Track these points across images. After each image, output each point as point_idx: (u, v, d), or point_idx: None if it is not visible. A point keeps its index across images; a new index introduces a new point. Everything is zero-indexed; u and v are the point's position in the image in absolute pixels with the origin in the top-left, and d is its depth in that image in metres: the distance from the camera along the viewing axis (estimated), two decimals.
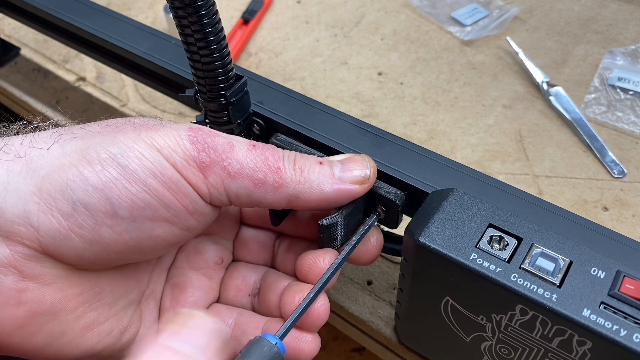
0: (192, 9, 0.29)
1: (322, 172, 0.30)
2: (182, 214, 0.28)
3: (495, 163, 0.53)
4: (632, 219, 0.48)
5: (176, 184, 0.28)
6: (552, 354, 0.28)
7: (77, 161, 0.26)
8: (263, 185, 0.29)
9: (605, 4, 0.69)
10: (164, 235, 0.28)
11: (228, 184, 0.29)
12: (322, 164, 0.31)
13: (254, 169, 0.29)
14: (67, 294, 0.28)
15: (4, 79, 0.64)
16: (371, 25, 0.69)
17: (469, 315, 0.30)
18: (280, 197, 0.30)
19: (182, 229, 0.29)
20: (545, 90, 0.59)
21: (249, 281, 0.35)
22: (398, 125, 0.57)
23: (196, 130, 0.29)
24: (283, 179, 0.29)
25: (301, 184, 0.30)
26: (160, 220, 0.28)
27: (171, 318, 0.27)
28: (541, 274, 0.27)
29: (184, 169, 0.28)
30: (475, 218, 0.30)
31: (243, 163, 0.29)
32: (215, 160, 0.28)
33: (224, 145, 0.29)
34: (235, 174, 0.29)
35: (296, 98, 0.39)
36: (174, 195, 0.28)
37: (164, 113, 0.60)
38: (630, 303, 0.26)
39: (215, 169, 0.28)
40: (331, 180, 0.30)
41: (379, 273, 0.44)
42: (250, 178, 0.29)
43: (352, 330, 0.45)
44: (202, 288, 0.34)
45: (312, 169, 0.30)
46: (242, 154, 0.29)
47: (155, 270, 0.34)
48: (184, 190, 0.28)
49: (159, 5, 0.73)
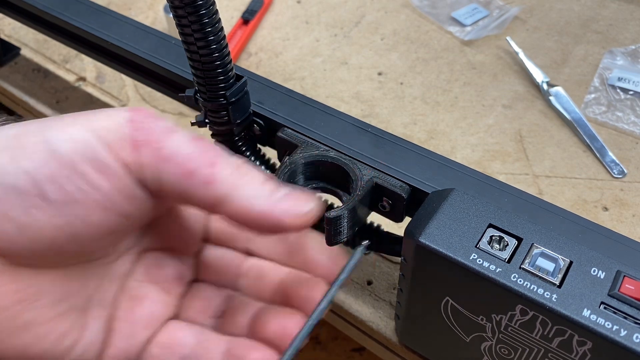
0: (192, 8, 0.29)
1: (263, 187, 0.28)
2: (116, 198, 0.27)
3: (495, 163, 0.53)
4: (632, 219, 0.48)
5: (108, 166, 0.27)
6: (552, 354, 0.28)
7: (11, 145, 0.26)
8: (192, 177, 0.27)
9: (605, 4, 0.69)
10: (98, 221, 0.27)
11: (159, 167, 0.27)
12: (266, 183, 0.29)
13: (187, 157, 0.27)
14: (3, 290, 0.27)
15: (4, 79, 0.64)
16: (371, 25, 0.69)
17: (469, 316, 0.30)
18: (209, 196, 0.28)
19: (118, 215, 0.28)
20: (545, 90, 0.59)
21: (212, 303, 0.33)
22: (398, 125, 0.57)
23: (138, 111, 0.28)
24: (216, 176, 0.27)
25: (235, 188, 0.28)
26: (93, 204, 0.27)
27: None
28: (541, 274, 0.27)
29: (118, 149, 0.27)
30: (475, 218, 0.30)
31: (178, 149, 0.27)
32: (149, 141, 0.27)
33: (163, 129, 0.28)
34: (167, 158, 0.27)
35: (296, 98, 0.39)
36: (106, 177, 0.27)
37: (164, 113, 0.60)
38: (630, 303, 0.26)
39: (149, 149, 0.27)
40: (268, 199, 0.28)
41: (379, 273, 0.44)
42: (181, 166, 0.27)
43: (352, 330, 0.45)
44: (160, 302, 0.32)
45: (254, 179, 0.28)
46: (179, 141, 0.28)
47: (107, 278, 0.32)
48: (116, 173, 0.27)
49: (159, 5, 0.73)
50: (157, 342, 0.31)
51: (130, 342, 0.31)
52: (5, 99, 0.66)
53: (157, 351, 0.31)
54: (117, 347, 0.31)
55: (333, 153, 0.36)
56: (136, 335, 0.31)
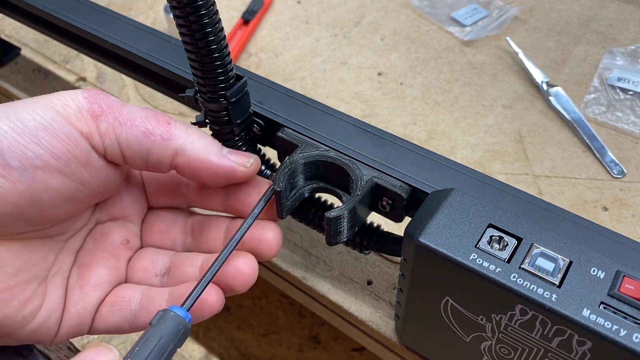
0: (192, 9, 0.29)
1: (213, 143, 0.33)
2: (74, 165, 0.30)
3: (495, 163, 0.53)
4: (632, 219, 0.48)
5: (67, 134, 0.30)
6: (552, 354, 0.28)
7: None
8: (151, 135, 0.31)
9: (605, 4, 0.69)
10: (58, 187, 0.30)
11: (119, 131, 0.31)
12: (215, 140, 0.33)
13: (143, 119, 0.32)
14: None
15: (5, 79, 0.64)
16: (371, 25, 0.69)
17: (469, 315, 0.30)
18: (167, 150, 0.32)
19: (75, 181, 0.31)
20: (545, 91, 0.59)
21: (157, 263, 0.36)
22: (398, 125, 0.57)
23: (91, 91, 0.32)
24: (172, 132, 0.32)
25: (189, 142, 0.32)
26: (52, 170, 0.29)
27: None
28: (541, 274, 0.27)
29: (77, 120, 0.30)
30: (475, 218, 0.30)
31: (134, 114, 0.32)
32: (107, 111, 0.31)
33: (116, 101, 0.32)
34: (126, 122, 0.31)
35: (296, 98, 0.39)
36: (64, 145, 0.30)
37: (164, 113, 0.60)
38: (630, 303, 0.26)
39: (108, 117, 0.31)
40: (218, 152, 0.33)
41: (379, 273, 0.44)
42: (140, 127, 0.31)
43: (352, 330, 0.45)
44: (107, 267, 0.35)
45: (203, 136, 0.33)
46: (133, 109, 0.32)
47: (64, 251, 0.35)
48: (74, 141, 0.30)
49: (159, 6, 0.73)
50: (106, 302, 0.34)
51: (82, 305, 0.34)
52: (6, 99, 0.66)
53: (107, 310, 0.34)
54: (71, 311, 0.34)
55: (333, 153, 0.36)
56: (87, 299, 0.34)
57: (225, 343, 0.71)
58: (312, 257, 0.46)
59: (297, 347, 0.71)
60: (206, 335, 0.72)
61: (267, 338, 0.71)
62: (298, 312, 0.73)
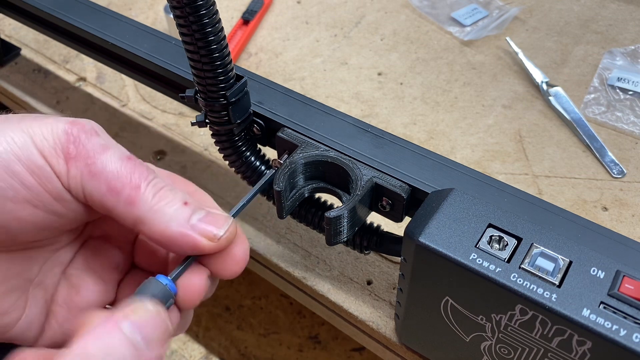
0: (191, 9, 0.29)
1: (179, 211, 0.30)
2: (45, 198, 0.29)
3: (495, 163, 0.53)
4: (632, 218, 0.48)
5: (40, 168, 0.29)
6: (552, 353, 0.28)
7: None
8: (117, 195, 0.29)
9: (604, 4, 0.69)
10: (29, 217, 0.29)
11: (86, 181, 0.30)
12: (186, 205, 0.30)
13: (114, 176, 0.30)
14: None
15: (5, 79, 0.64)
16: (371, 26, 0.69)
17: (469, 315, 0.30)
18: (129, 215, 0.30)
19: (48, 213, 0.30)
20: (545, 91, 0.59)
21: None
22: (398, 125, 0.57)
23: (77, 124, 0.30)
24: (138, 198, 0.29)
25: (152, 211, 0.29)
26: (23, 201, 0.29)
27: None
28: (541, 273, 0.27)
29: (50, 156, 0.29)
30: (475, 218, 0.30)
31: (107, 167, 0.30)
32: (80, 155, 0.30)
33: (96, 145, 0.30)
34: (95, 174, 0.29)
35: (296, 98, 0.39)
36: (36, 178, 0.29)
37: (164, 113, 0.60)
38: (630, 303, 0.26)
39: (79, 163, 0.29)
40: (183, 222, 0.30)
41: (379, 273, 0.44)
42: (107, 183, 0.29)
43: (352, 330, 0.45)
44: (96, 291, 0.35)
45: (171, 204, 0.30)
46: (110, 159, 0.30)
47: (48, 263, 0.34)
48: (46, 176, 0.29)
49: (159, 6, 0.73)
50: None
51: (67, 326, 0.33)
52: (6, 99, 0.66)
53: None
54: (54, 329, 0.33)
55: (333, 153, 0.36)
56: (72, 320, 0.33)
57: (225, 343, 0.71)
58: (312, 257, 0.46)
59: (297, 347, 0.71)
60: (206, 335, 0.72)
61: (267, 338, 0.71)
62: (298, 312, 0.73)
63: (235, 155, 0.39)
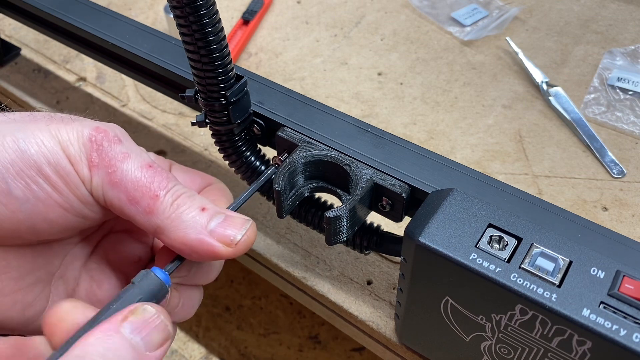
0: (191, 9, 0.29)
1: (197, 218, 0.30)
2: (74, 202, 0.30)
3: (495, 163, 0.53)
4: (632, 218, 0.48)
5: (68, 173, 0.29)
6: (552, 353, 0.28)
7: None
8: (136, 205, 0.30)
9: (604, 4, 0.69)
10: (57, 219, 0.30)
11: (107, 189, 0.30)
12: (204, 211, 0.30)
13: (134, 186, 0.30)
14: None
15: (5, 79, 0.64)
16: (371, 26, 0.69)
17: (469, 315, 0.30)
18: (148, 224, 0.30)
19: (76, 215, 0.30)
20: (545, 91, 0.59)
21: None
22: (398, 125, 0.57)
23: (101, 131, 0.31)
24: (156, 207, 0.30)
25: (170, 219, 0.30)
26: (53, 204, 0.29)
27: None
28: (541, 273, 0.27)
29: (76, 163, 0.30)
30: (475, 218, 0.30)
31: (127, 176, 0.30)
32: (102, 164, 0.30)
33: (118, 154, 0.30)
34: (115, 183, 0.30)
35: (296, 98, 0.39)
36: (65, 183, 0.29)
37: (164, 113, 0.60)
38: (630, 303, 0.26)
39: (100, 171, 0.30)
40: (201, 229, 0.30)
41: (379, 273, 0.44)
42: (127, 193, 0.30)
43: (352, 330, 0.45)
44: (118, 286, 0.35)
45: (188, 211, 0.30)
46: (131, 168, 0.30)
47: (69, 255, 0.34)
48: (74, 181, 0.30)
49: (159, 6, 0.73)
50: None
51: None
52: (6, 99, 0.66)
53: None
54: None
55: (333, 152, 0.36)
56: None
57: (225, 343, 0.71)
58: (312, 257, 0.46)
59: (297, 347, 0.70)
60: (206, 335, 0.72)
61: (267, 338, 0.71)
62: (298, 312, 0.73)
63: (235, 155, 0.39)
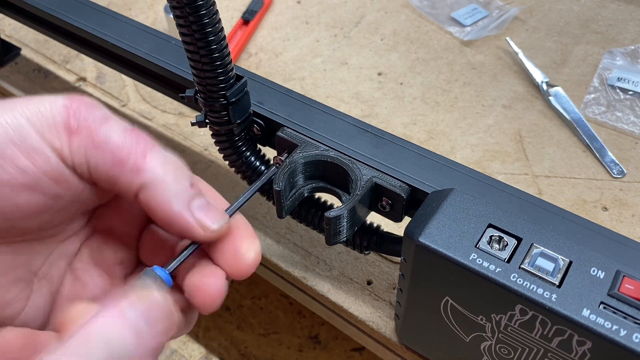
0: (191, 9, 0.29)
1: (184, 192, 0.29)
2: (43, 181, 0.29)
3: (495, 163, 0.53)
4: (632, 219, 0.48)
5: (35, 149, 0.28)
6: (552, 354, 0.28)
7: None
8: (122, 166, 0.29)
9: (604, 4, 0.69)
10: (27, 203, 0.28)
11: (90, 153, 0.29)
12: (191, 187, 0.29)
13: (119, 146, 0.29)
14: None
15: (5, 79, 0.64)
16: (371, 26, 0.69)
17: (469, 315, 0.30)
18: (134, 182, 0.29)
19: (46, 196, 0.29)
20: (545, 91, 0.59)
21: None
22: (398, 125, 0.57)
23: (76, 100, 0.29)
24: (145, 165, 0.29)
25: (158, 181, 0.28)
26: (19, 186, 0.28)
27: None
28: (541, 274, 0.27)
29: (49, 133, 0.28)
30: (475, 218, 0.30)
31: (111, 137, 0.29)
32: (83, 127, 0.29)
33: (98, 117, 0.29)
34: (99, 145, 0.29)
35: (296, 98, 0.39)
36: (32, 160, 0.28)
37: (164, 113, 0.60)
38: (630, 303, 0.26)
39: (81, 135, 0.29)
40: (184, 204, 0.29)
41: (379, 273, 0.44)
42: (112, 154, 0.29)
43: (352, 330, 0.45)
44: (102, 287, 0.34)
45: (178, 180, 0.29)
46: (114, 129, 0.29)
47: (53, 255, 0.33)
48: (44, 157, 0.28)
49: (159, 6, 0.73)
50: None
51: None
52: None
53: None
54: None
55: (333, 153, 0.36)
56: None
57: (225, 343, 0.71)
58: (312, 257, 0.46)
59: (297, 347, 0.71)
60: (206, 335, 0.72)
61: (267, 338, 0.71)
62: (298, 312, 0.73)
63: (235, 155, 0.39)
